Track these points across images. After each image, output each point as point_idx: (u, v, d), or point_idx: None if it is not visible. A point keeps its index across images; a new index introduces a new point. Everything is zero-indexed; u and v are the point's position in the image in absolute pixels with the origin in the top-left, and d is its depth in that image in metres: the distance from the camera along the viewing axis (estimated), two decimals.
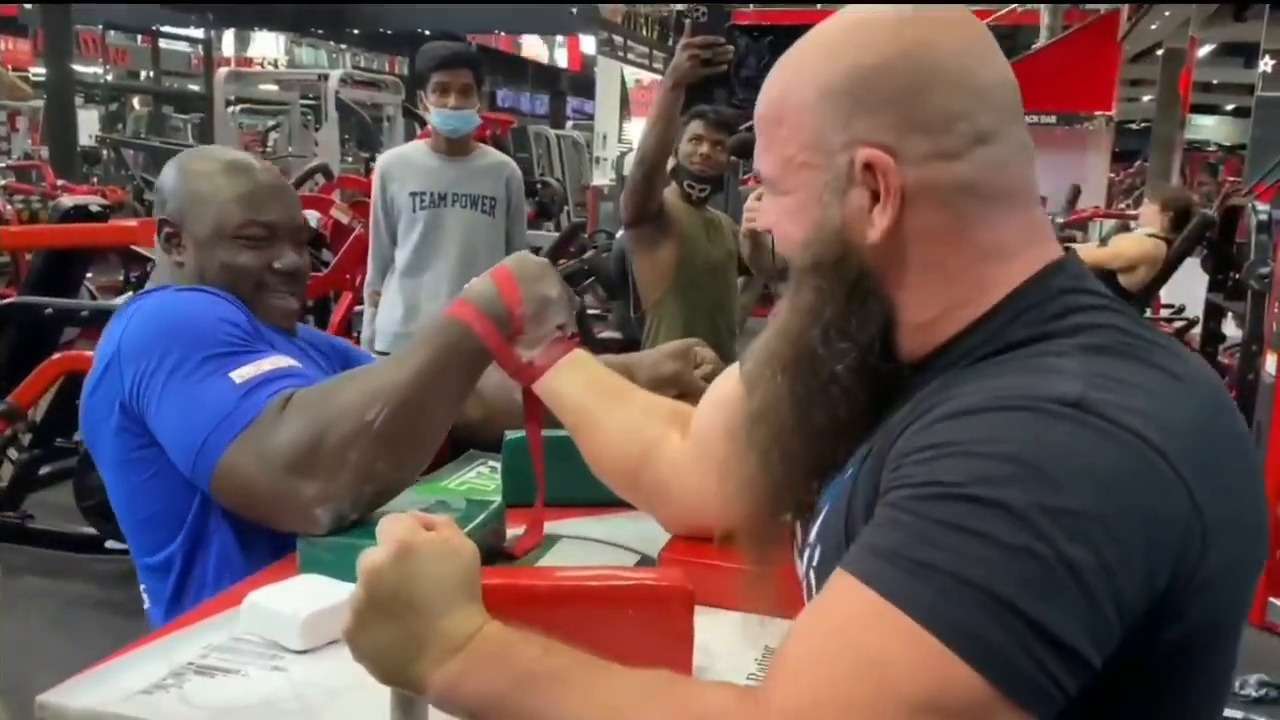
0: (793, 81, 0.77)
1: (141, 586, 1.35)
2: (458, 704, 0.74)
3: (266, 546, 1.20)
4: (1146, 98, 17.49)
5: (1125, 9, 12.39)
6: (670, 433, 1.12)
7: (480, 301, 1.16)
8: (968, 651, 0.59)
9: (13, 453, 3.95)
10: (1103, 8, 13.47)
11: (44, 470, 3.83)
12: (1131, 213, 8.58)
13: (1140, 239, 4.89)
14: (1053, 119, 13.38)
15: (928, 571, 0.61)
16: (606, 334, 5.65)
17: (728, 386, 1.05)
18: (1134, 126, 20.49)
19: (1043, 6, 14.21)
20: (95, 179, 12.00)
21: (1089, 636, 0.59)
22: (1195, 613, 0.64)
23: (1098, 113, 13.46)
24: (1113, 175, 14.81)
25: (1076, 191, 11.95)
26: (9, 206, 7.89)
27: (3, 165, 9.90)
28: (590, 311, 6.24)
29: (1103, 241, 5.67)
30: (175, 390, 1.18)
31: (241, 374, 1.17)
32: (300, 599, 0.99)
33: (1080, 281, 0.74)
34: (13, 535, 3.70)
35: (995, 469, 0.61)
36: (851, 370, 0.75)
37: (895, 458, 0.67)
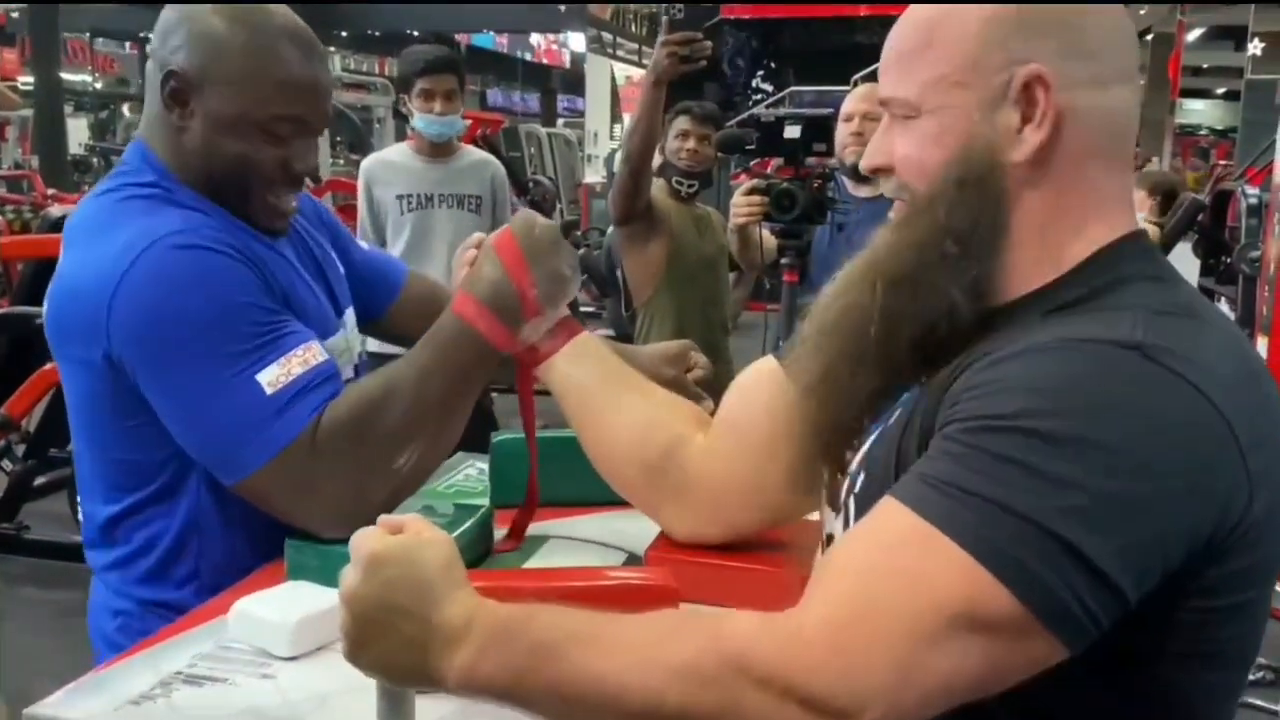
0: (950, 7, 0.78)
1: (87, 553, 1.24)
2: (479, 689, 0.73)
3: (245, 511, 1.15)
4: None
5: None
6: (693, 431, 1.09)
7: (488, 293, 1.09)
8: (1004, 573, 0.61)
9: (6, 463, 3.95)
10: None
11: (39, 480, 3.83)
12: None
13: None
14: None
15: (972, 499, 0.63)
16: (600, 331, 5.65)
17: (760, 374, 1.03)
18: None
19: None
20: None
21: (1127, 570, 0.62)
22: (1238, 558, 0.66)
23: None
24: None
25: None
26: (0, 217, 7.89)
27: None
28: (584, 309, 6.25)
29: None
30: (191, 385, 1.08)
31: (270, 380, 1.07)
32: (288, 606, 0.99)
33: (1153, 255, 0.78)
34: (9, 545, 3.70)
35: (1045, 403, 0.63)
36: (965, 292, 0.75)
37: (952, 396, 0.69)
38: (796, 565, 0.97)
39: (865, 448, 0.81)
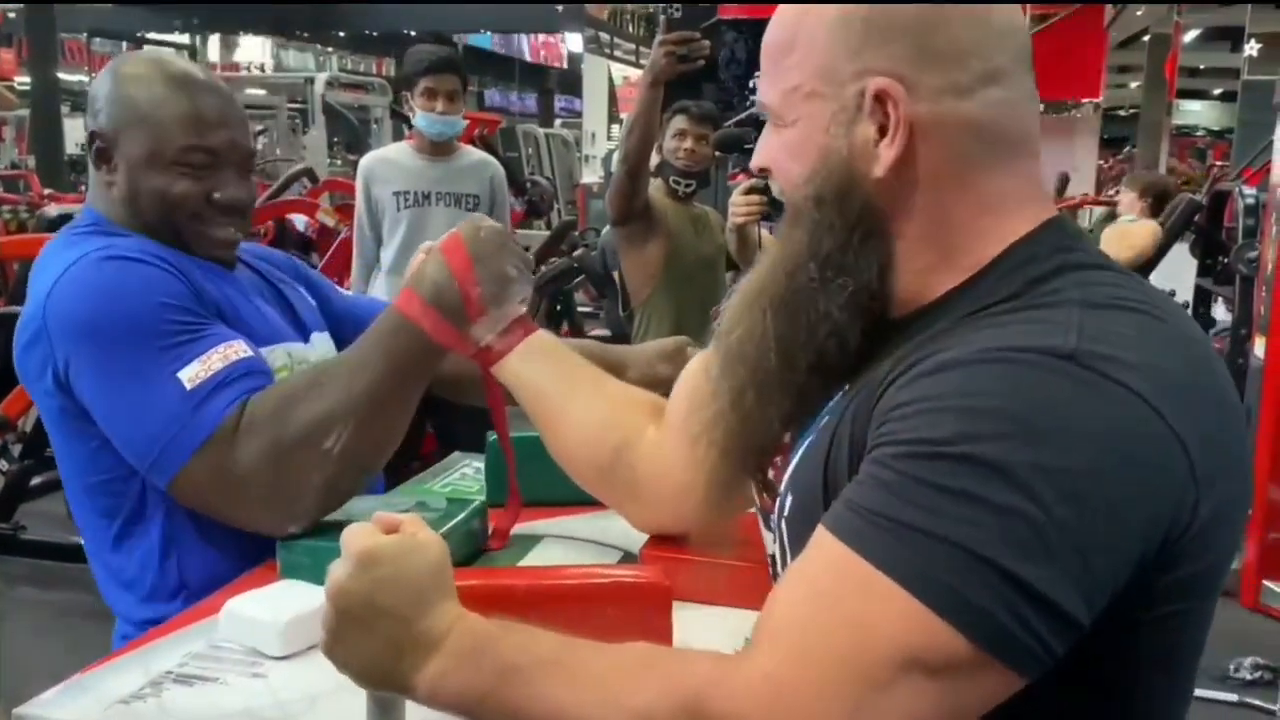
0: (808, 8, 0.75)
1: (95, 573, 1.27)
2: (444, 703, 0.73)
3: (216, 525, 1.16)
4: (1134, 84, 17.53)
5: None
6: (645, 426, 1.08)
7: (431, 291, 1.09)
8: (950, 612, 0.59)
9: (3, 464, 3.95)
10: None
11: (35, 481, 3.82)
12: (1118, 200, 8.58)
13: (1144, 227, 4.85)
14: (1040, 107, 13.36)
15: (909, 532, 0.60)
16: (598, 332, 5.65)
17: (698, 366, 1.01)
18: (1122, 113, 20.52)
19: None
20: (83, 188, 11.93)
21: (1079, 595, 0.59)
22: (1187, 564, 0.64)
23: (1085, 100, 13.48)
24: (1101, 162, 14.82)
25: (1064, 179, 11.94)
26: None
27: None
28: (582, 309, 6.24)
29: (1091, 231, 5.67)
30: (116, 390, 1.10)
31: (190, 375, 1.09)
32: (279, 605, 0.98)
33: (1075, 240, 0.73)
34: (5, 546, 3.69)
35: (981, 425, 0.60)
36: (845, 310, 0.73)
37: (881, 413, 0.66)
38: None
39: (791, 465, 0.79)
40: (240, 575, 1.14)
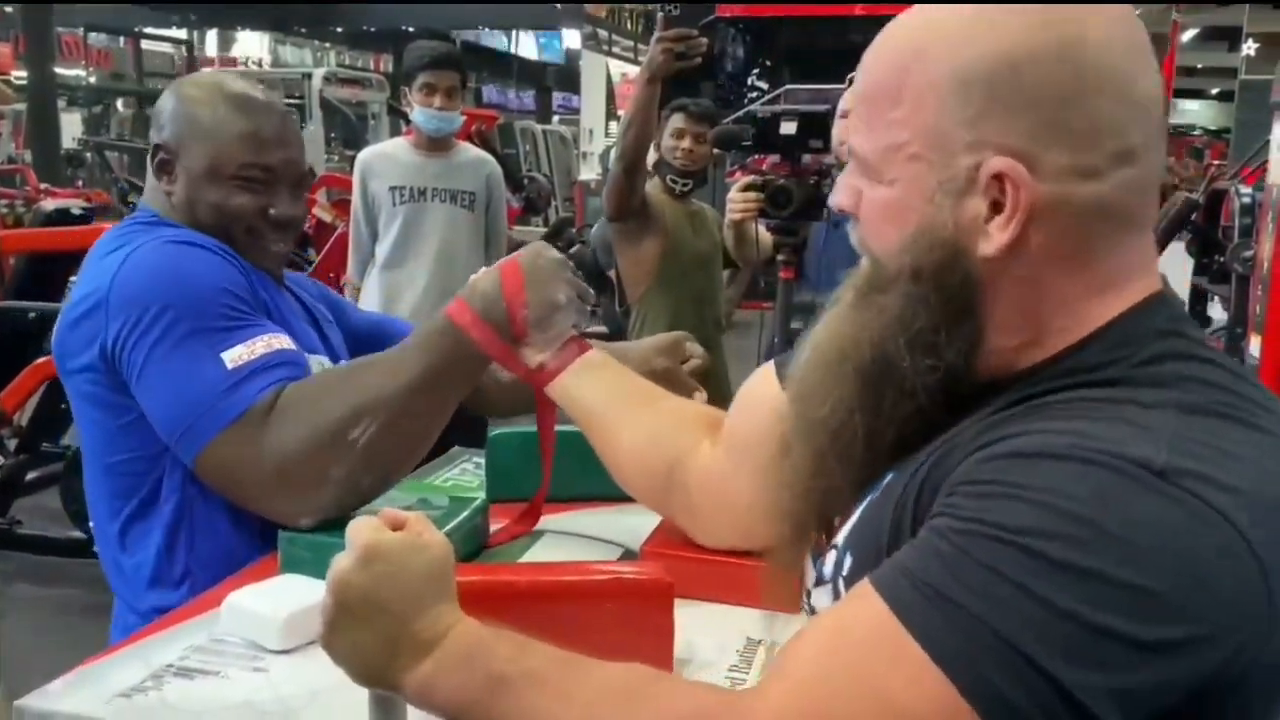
0: (925, 52, 0.67)
1: (109, 577, 1.28)
2: (433, 705, 0.73)
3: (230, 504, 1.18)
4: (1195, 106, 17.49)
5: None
6: (701, 440, 1.06)
7: (481, 304, 1.11)
8: (978, 698, 0.56)
9: None
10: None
11: (31, 475, 3.82)
12: None
13: None
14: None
15: (955, 610, 0.57)
16: (594, 329, 5.65)
17: (764, 388, 0.98)
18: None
19: None
20: (80, 182, 11.94)
21: (1117, 710, 0.56)
22: (1246, 692, 0.59)
23: None
24: None
25: None
26: None
27: None
28: None
29: None
30: (162, 360, 1.13)
31: (233, 357, 1.12)
32: (280, 599, 0.98)
33: (1179, 324, 0.68)
34: (1, 541, 3.69)
35: (1055, 523, 0.57)
36: (931, 392, 0.69)
37: (951, 483, 0.63)
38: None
39: (851, 522, 0.75)
40: (246, 566, 1.15)
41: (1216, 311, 4.73)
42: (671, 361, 1.42)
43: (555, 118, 18.79)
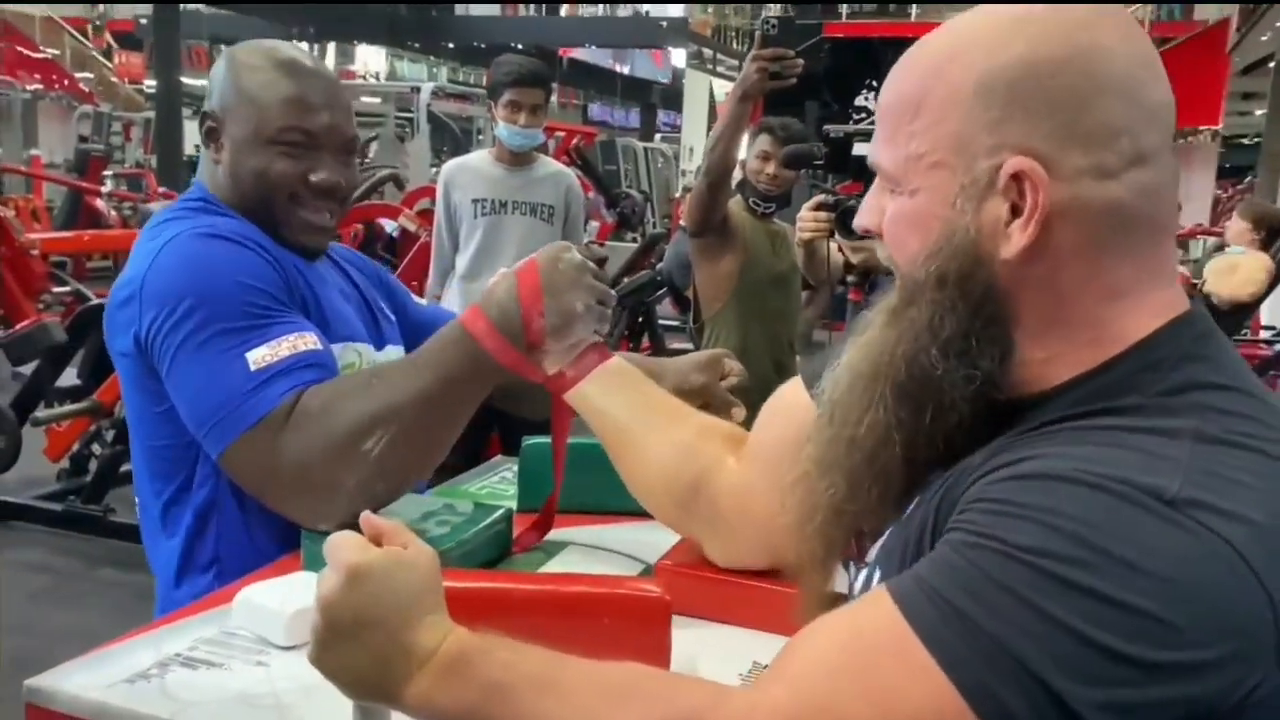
0: (944, 68, 0.69)
1: (144, 538, 1.31)
2: (431, 716, 0.73)
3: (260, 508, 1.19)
4: (1259, 111, 16.85)
5: (1235, 18, 11.95)
6: (724, 456, 1.05)
7: (496, 313, 1.10)
8: (978, 701, 0.57)
9: (96, 448, 4.12)
10: (1211, 17, 13.02)
11: (125, 467, 3.97)
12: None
13: (1254, 259, 4.63)
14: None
15: (962, 620, 0.59)
16: (678, 345, 5.64)
17: (793, 399, 0.97)
18: (1245, 141, 19.75)
19: (1146, 11, 13.80)
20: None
21: None
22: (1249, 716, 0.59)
23: (1204, 127, 12.99)
24: (1220, 192, 14.26)
25: (1177, 208, 11.53)
26: (113, 212, 8.25)
27: (112, 174, 10.32)
28: (664, 322, 6.24)
29: (1198, 261, 5.44)
30: (189, 358, 1.14)
31: (257, 358, 1.12)
32: (290, 596, 0.99)
33: (1206, 346, 0.68)
34: (94, 527, 3.85)
35: (1064, 546, 0.58)
36: (971, 401, 0.68)
37: (967, 500, 0.64)
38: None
39: (882, 539, 0.75)
40: (273, 558, 1.17)
41: None
42: (709, 378, 1.39)
43: (658, 135, 18.90)
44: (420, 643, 0.73)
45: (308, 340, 1.17)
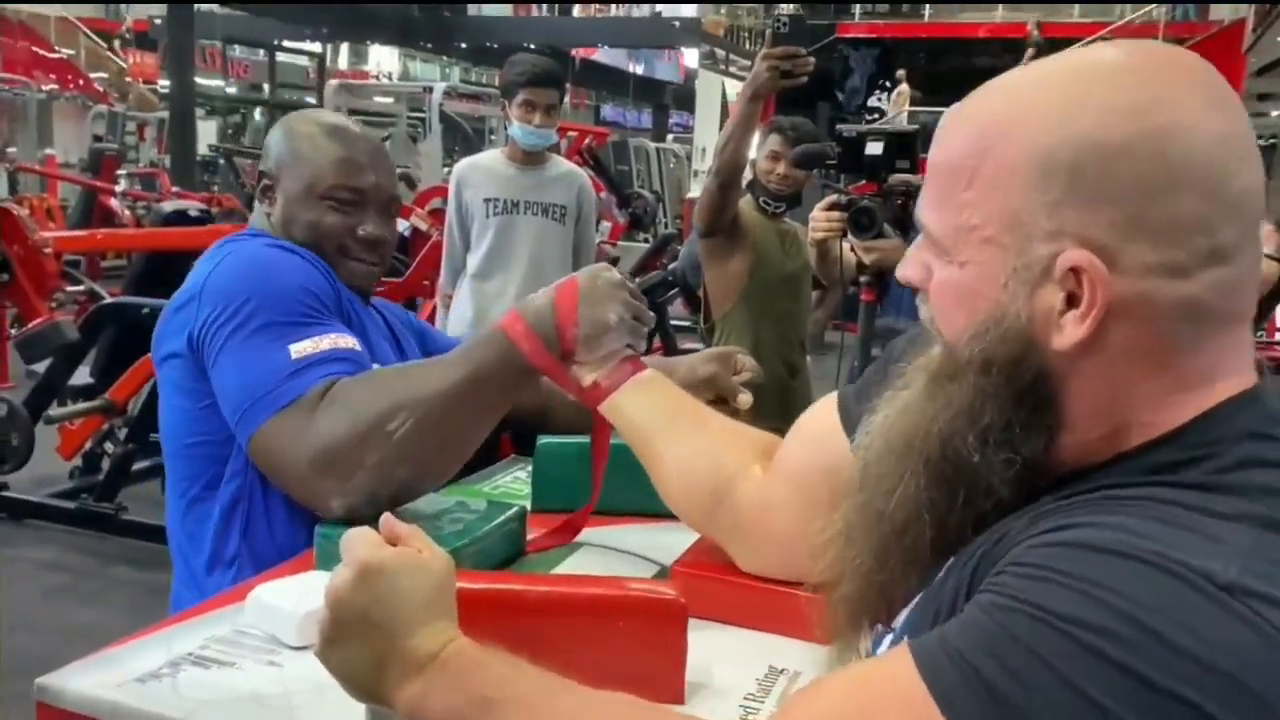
0: (1004, 135, 0.63)
1: (169, 534, 1.35)
2: None
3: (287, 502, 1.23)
4: (1275, 112, 16.76)
5: (1251, 19, 11.88)
6: (751, 466, 1.04)
7: (533, 317, 1.13)
8: None
9: (109, 446, 4.13)
10: (1226, 17, 12.95)
11: (138, 465, 3.98)
12: None
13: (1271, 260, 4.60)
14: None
15: (983, 686, 0.55)
16: (690, 345, 5.62)
17: (824, 423, 0.96)
18: (1262, 142, 19.62)
19: (1161, 11, 13.74)
20: (216, 187, 12.48)
21: None
22: None
23: None
24: None
25: None
26: (127, 211, 8.28)
27: (126, 173, 10.36)
28: (676, 323, 6.23)
29: None
30: (236, 346, 1.20)
31: (299, 349, 1.18)
32: (302, 595, 0.98)
33: (1271, 426, 0.62)
34: (107, 525, 3.86)
35: (1106, 619, 0.53)
36: (1009, 485, 0.64)
37: (1003, 563, 0.60)
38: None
39: (912, 604, 0.72)
40: (295, 554, 1.18)
41: None
42: (717, 369, 1.41)
43: (670, 136, 18.89)
44: (420, 647, 0.73)
45: (349, 340, 1.24)
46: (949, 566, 0.68)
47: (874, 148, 2.17)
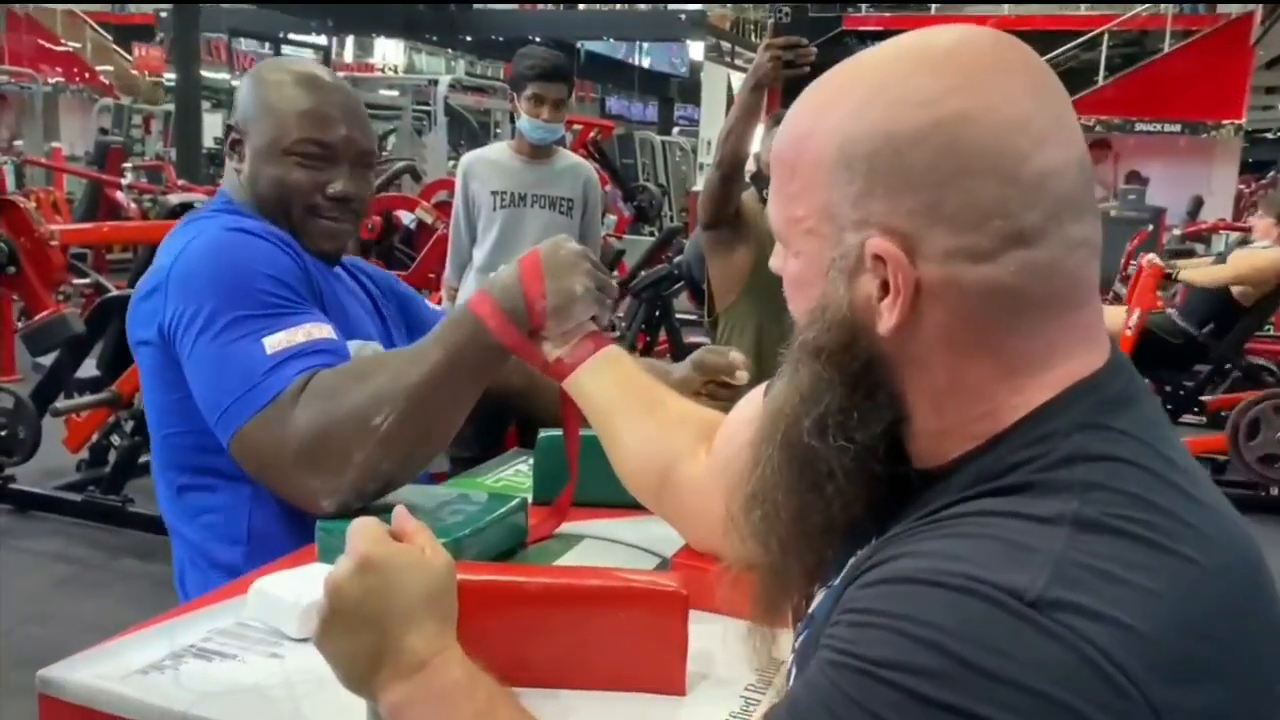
0: (815, 126, 0.65)
1: (166, 523, 1.35)
2: None
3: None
4: None
5: (1260, 11, 11.83)
6: (698, 448, 1.06)
7: (500, 294, 1.13)
8: None
9: (116, 438, 4.14)
10: (1234, 10, 12.89)
11: (144, 458, 3.99)
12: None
13: (1256, 255, 4.64)
14: (1177, 128, 12.86)
15: None
16: (695, 338, 5.62)
17: (748, 411, 0.97)
18: (1269, 136, 19.57)
19: (1168, 9, 13.67)
20: (219, 181, 12.49)
21: None
22: None
23: (1226, 121, 12.88)
24: (1243, 186, 14.13)
25: (1198, 203, 11.44)
26: (133, 204, 8.29)
27: (132, 166, 10.37)
28: (682, 316, 6.23)
29: (1220, 257, 5.40)
30: (207, 345, 1.17)
31: (273, 343, 1.16)
32: (304, 587, 0.98)
33: (1105, 414, 0.62)
34: (113, 518, 3.88)
35: (917, 656, 0.54)
36: (849, 475, 0.65)
37: (840, 608, 0.60)
38: None
39: (804, 631, 0.72)
40: (289, 550, 1.17)
41: None
42: (705, 355, 1.42)
43: (675, 129, 18.86)
44: (413, 652, 0.73)
45: (324, 330, 1.20)
46: (853, 563, 0.67)
47: None
